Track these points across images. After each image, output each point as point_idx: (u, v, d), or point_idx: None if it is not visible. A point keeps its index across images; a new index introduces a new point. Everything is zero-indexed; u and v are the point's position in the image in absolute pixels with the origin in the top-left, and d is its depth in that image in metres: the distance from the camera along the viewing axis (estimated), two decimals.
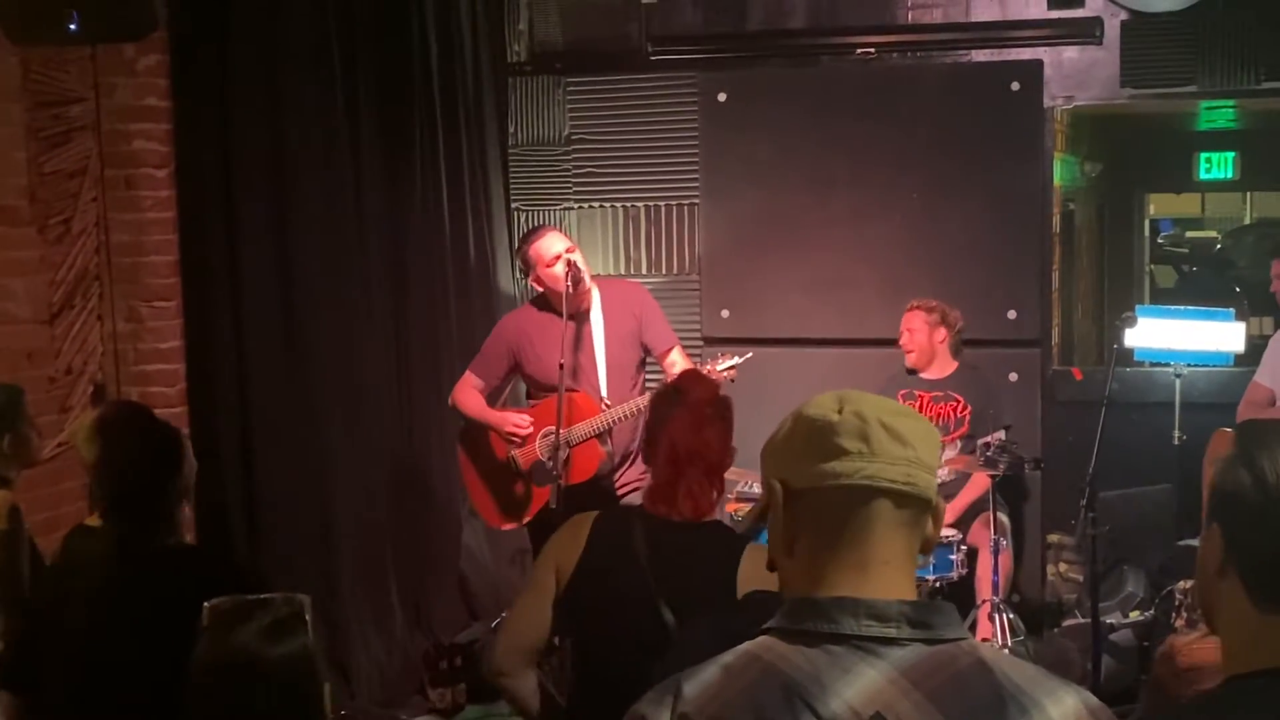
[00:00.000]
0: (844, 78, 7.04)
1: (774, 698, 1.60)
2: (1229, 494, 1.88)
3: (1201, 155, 11.30)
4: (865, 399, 1.72)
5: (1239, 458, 1.87)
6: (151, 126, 5.16)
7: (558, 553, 3.37)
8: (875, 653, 1.62)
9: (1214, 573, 1.91)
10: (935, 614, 1.66)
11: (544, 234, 5.59)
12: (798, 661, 1.63)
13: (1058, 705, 1.63)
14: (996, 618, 5.76)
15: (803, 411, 1.74)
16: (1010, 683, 1.63)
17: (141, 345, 5.17)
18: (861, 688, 1.60)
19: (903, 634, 1.63)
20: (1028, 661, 1.68)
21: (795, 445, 1.73)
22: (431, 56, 6.49)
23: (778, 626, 1.69)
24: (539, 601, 3.35)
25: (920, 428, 1.71)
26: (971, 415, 6.25)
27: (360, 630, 5.79)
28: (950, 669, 1.63)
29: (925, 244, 6.77)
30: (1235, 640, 1.92)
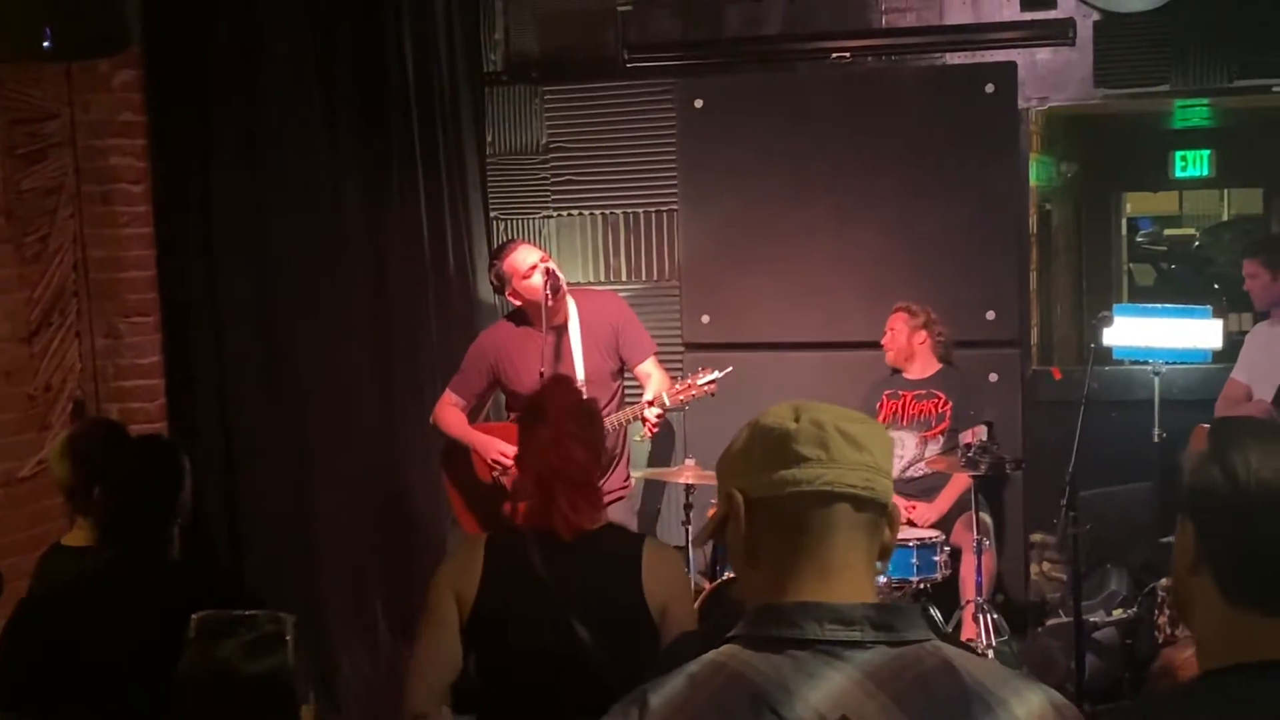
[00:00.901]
0: (820, 82, 7.06)
1: (740, 705, 1.61)
2: (1201, 491, 1.89)
3: (1177, 153, 11.34)
4: (821, 407, 1.73)
5: (1211, 455, 1.88)
6: (127, 142, 5.15)
7: (454, 580, 3.26)
8: (840, 656, 1.63)
9: (1187, 569, 1.92)
10: (898, 616, 1.67)
11: (516, 247, 5.61)
12: (763, 668, 1.63)
13: (1023, 704, 1.63)
14: (981, 618, 5.78)
15: (759, 422, 1.75)
16: (975, 682, 1.63)
17: (120, 361, 5.16)
18: (827, 691, 1.60)
19: (867, 636, 1.64)
20: (997, 661, 1.69)
21: (754, 455, 1.73)
22: (408, 67, 6.48)
23: (742, 634, 1.70)
24: (445, 635, 3.23)
25: (875, 433, 1.73)
26: (953, 410, 6.29)
27: (345, 644, 5.78)
28: (915, 670, 1.63)
29: (904, 246, 6.78)
30: (1209, 636, 1.94)
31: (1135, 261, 15.30)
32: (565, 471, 3.31)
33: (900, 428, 6.39)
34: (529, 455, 3.41)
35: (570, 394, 3.59)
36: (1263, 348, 6.12)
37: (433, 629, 3.27)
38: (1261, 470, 1.83)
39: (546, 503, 3.30)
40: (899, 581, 5.86)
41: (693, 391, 5.49)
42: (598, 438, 3.49)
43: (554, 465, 3.31)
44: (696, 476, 5.95)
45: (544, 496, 3.30)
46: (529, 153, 7.53)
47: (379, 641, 6.04)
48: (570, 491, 3.30)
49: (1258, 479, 1.83)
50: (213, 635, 2.54)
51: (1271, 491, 1.82)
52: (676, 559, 3.58)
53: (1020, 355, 6.84)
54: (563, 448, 3.34)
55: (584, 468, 3.35)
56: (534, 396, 3.67)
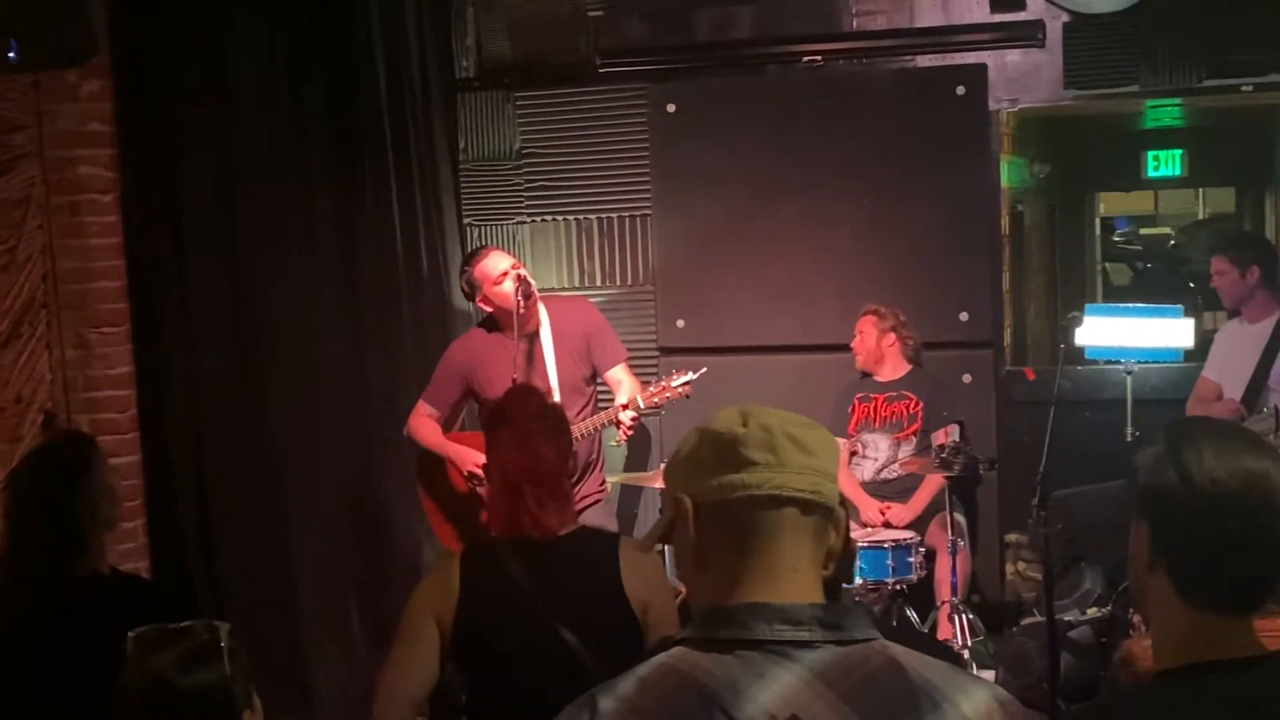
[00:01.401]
0: (792, 86, 7.07)
1: (690, 706, 1.61)
2: (1156, 491, 1.90)
3: (1150, 153, 11.39)
4: (768, 412, 1.74)
5: (1166, 456, 1.90)
6: (95, 152, 5.12)
7: (432, 602, 3.26)
8: (789, 656, 1.64)
9: (1143, 569, 1.94)
10: (846, 615, 1.69)
11: (487, 253, 5.60)
12: (712, 669, 1.64)
13: (969, 700, 1.65)
14: (956, 618, 5.80)
15: (708, 426, 1.75)
16: (922, 679, 1.65)
17: (91, 372, 5.13)
18: (776, 691, 1.61)
19: (815, 636, 1.65)
20: (941, 660, 1.71)
21: (703, 459, 1.73)
22: (380, 74, 6.47)
23: (692, 636, 1.70)
24: (419, 653, 3.23)
25: (821, 438, 1.74)
26: (924, 410, 6.30)
27: (321, 652, 5.77)
28: (863, 669, 1.64)
29: (877, 248, 6.80)
30: (1165, 635, 1.95)
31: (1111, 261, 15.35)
32: (532, 470, 3.32)
33: (873, 430, 6.41)
34: (495, 457, 3.41)
35: (534, 398, 3.60)
36: (1231, 346, 6.14)
37: (406, 646, 3.27)
38: (1215, 470, 1.84)
39: (515, 504, 3.31)
40: (875, 583, 5.88)
41: (667, 394, 5.49)
42: (564, 438, 3.50)
43: (520, 464, 3.32)
44: None
45: (512, 497, 3.31)
46: (502, 159, 7.52)
47: (355, 650, 6.02)
48: (537, 490, 3.31)
49: (1211, 479, 1.84)
50: (149, 650, 2.52)
51: (1225, 491, 1.83)
52: (654, 555, 3.60)
53: (994, 356, 6.86)
54: (528, 446, 3.35)
55: (551, 466, 3.36)
56: (498, 402, 3.66)
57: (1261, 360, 5.86)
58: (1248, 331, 6.02)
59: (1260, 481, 1.83)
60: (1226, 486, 1.83)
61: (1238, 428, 2.03)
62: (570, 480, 3.55)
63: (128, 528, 5.10)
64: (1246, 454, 1.86)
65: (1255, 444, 1.90)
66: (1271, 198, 10.67)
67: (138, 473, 5.22)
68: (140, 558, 5.17)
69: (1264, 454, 1.87)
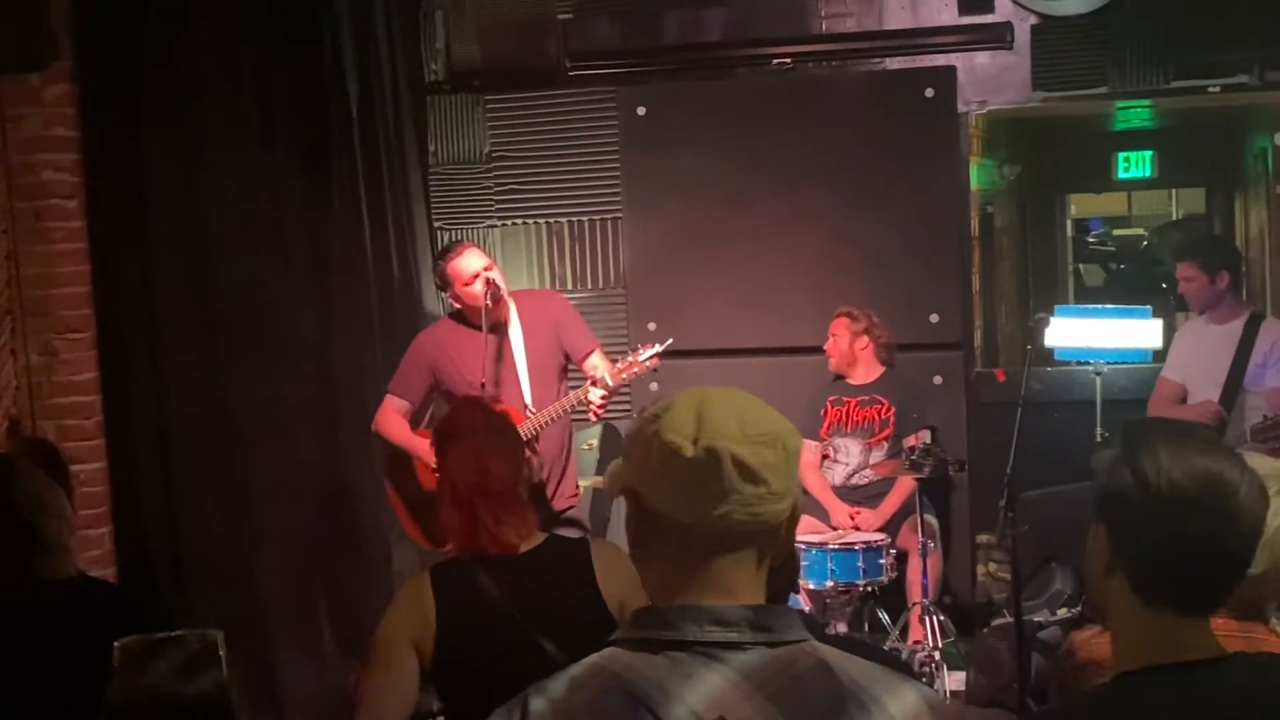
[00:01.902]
0: (761, 88, 7.08)
1: (618, 706, 1.62)
2: (1113, 494, 1.90)
3: (1120, 154, 11.44)
4: (722, 425, 1.67)
5: (1122, 458, 1.90)
6: (60, 157, 5.09)
7: (407, 627, 3.20)
8: (718, 658, 1.64)
9: (1102, 571, 1.94)
10: (777, 617, 1.68)
11: (462, 251, 5.56)
12: (642, 669, 1.64)
13: (898, 701, 1.65)
14: (927, 620, 5.80)
15: (660, 431, 1.70)
16: (851, 681, 1.65)
17: (56, 378, 5.10)
18: (704, 693, 1.61)
19: (744, 638, 1.65)
20: (870, 661, 1.70)
21: (650, 466, 1.71)
22: (348, 77, 6.45)
23: (623, 636, 1.71)
24: (395, 681, 3.16)
25: (773, 459, 1.68)
26: (896, 416, 6.31)
27: (290, 658, 5.74)
28: (791, 671, 1.64)
29: (847, 250, 6.81)
30: (1124, 637, 1.95)
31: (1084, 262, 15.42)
32: (484, 485, 3.28)
33: (845, 435, 6.41)
34: (446, 475, 3.38)
35: (479, 412, 3.56)
36: (1196, 346, 6.11)
37: (381, 675, 3.20)
38: (1172, 471, 1.84)
39: (471, 521, 3.27)
40: (846, 585, 5.88)
41: (635, 369, 5.43)
42: (513, 449, 3.46)
43: (471, 480, 3.29)
44: None
45: (466, 515, 3.28)
46: (472, 162, 7.51)
47: (325, 657, 6.00)
48: (492, 505, 3.27)
49: (1168, 480, 1.84)
50: (140, 661, 2.49)
51: (1182, 492, 1.84)
52: (623, 554, 3.56)
53: (964, 357, 6.87)
54: (478, 462, 3.31)
55: (502, 478, 3.32)
56: (444, 420, 3.60)
57: (1235, 360, 5.86)
58: (1215, 332, 5.99)
59: (1216, 482, 1.84)
60: (1183, 488, 1.83)
61: (1193, 427, 2.03)
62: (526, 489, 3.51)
63: (94, 534, 5.08)
64: (1202, 454, 1.86)
65: (1210, 444, 1.91)
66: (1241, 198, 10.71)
67: (103, 479, 5.19)
68: (107, 564, 5.15)
69: (1219, 454, 1.88)
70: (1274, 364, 5.78)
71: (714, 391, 1.73)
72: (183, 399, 5.38)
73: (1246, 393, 5.83)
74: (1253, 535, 1.87)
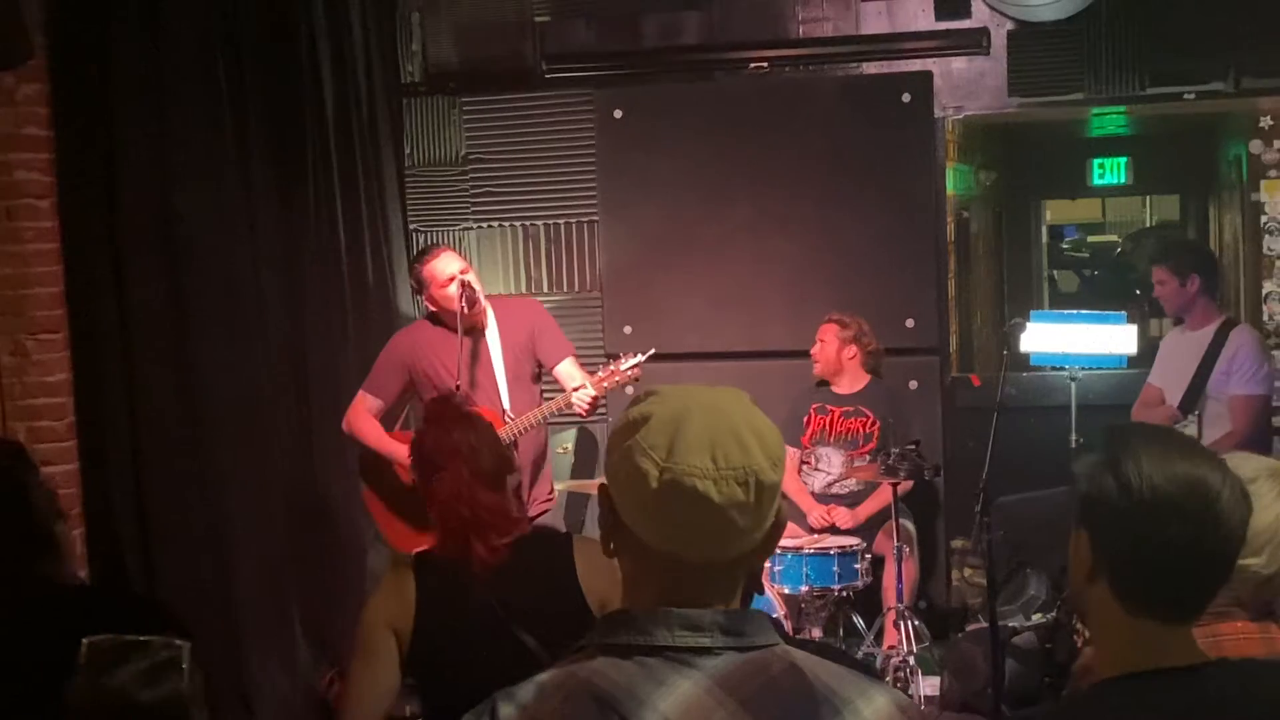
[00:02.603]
0: (738, 92, 7.08)
1: (589, 712, 1.60)
2: (1095, 499, 1.90)
3: (1095, 161, 11.47)
4: (691, 455, 1.62)
5: (1104, 463, 1.89)
6: (32, 156, 5.05)
7: (387, 613, 3.25)
8: (689, 663, 1.62)
9: (1084, 578, 1.93)
10: (748, 622, 1.67)
11: (438, 254, 5.55)
12: (612, 675, 1.62)
13: (869, 704, 1.64)
14: (902, 625, 5.80)
15: (633, 448, 1.65)
16: (822, 685, 1.64)
17: (27, 379, 5.05)
18: (676, 699, 1.60)
19: (716, 643, 1.63)
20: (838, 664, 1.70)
21: (619, 479, 1.68)
22: (324, 78, 6.42)
23: (594, 641, 1.69)
24: (379, 668, 3.22)
25: (743, 496, 1.62)
26: (880, 431, 6.30)
27: (262, 660, 5.71)
28: (763, 675, 1.63)
29: (823, 255, 6.82)
30: (1107, 643, 1.94)
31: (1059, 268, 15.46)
32: (476, 519, 3.29)
33: (827, 444, 6.40)
34: (436, 507, 3.36)
35: (452, 431, 3.46)
36: (1172, 353, 6.19)
37: (365, 663, 3.25)
38: (1154, 476, 1.84)
39: (464, 547, 3.28)
40: (821, 589, 5.88)
41: (616, 378, 5.45)
42: (499, 466, 3.44)
43: (462, 515, 3.29)
44: None
45: (460, 542, 3.29)
46: (448, 164, 7.49)
47: (297, 659, 5.97)
48: (485, 533, 3.28)
49: (1150, 485, 1.83)
50: (105, 662, 2.48)
51: (1164, 497, 1.83)
52: None
53: (940, 362, 6.89)
54: (467, 497, 3.31)
55: (493, 509, 3.33)
56: (418, 444, 3.52)
57: (1200, 366, 5.91)
58: (1188, 339, 6.06)
59: (1198, 487, 1.83)
60: (1165, 493, 1.83)
61: (1174, 433, 2.03)
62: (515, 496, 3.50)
63: None
64: (1183, 459, 1.86)
65: (1191, 449, 1.90)
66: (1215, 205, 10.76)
67: (75, 481, 5.15)
68: (79, 566, 5.10)
69: (1200, 459, 1.88)
70: (1237, 371, 5.84)
71: (699, 405, 1.66)
72: (155, 400, 5.34)
73: (1209, 399, 5.87)
74: (1235, 539, 1.86)
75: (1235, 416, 5.77)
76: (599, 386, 5.40)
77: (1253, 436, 5.76)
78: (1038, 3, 6.63)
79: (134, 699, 2.42)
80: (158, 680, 2.45)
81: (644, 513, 1.64)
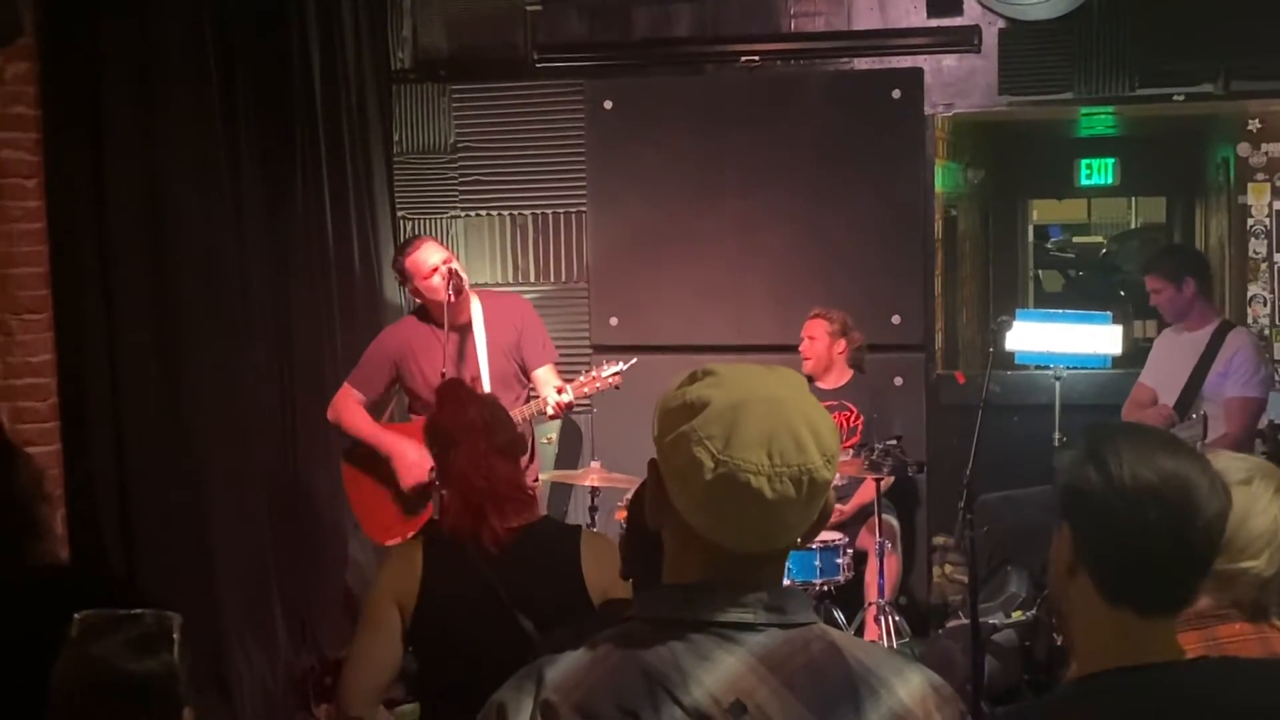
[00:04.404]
0: (729, 86, 7.08)
1: (635, 685, 1.62)
2: (1078, 492, 1.91)
3: (1082, 161, 11.49)
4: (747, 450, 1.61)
5: (1087, 458, 1.90)
6: (19, 135, 5.01)
7: (393, 586, 3.31)
8: (733, 639, 1.64)
9: (1065, 573, 1.94)
10: (789, 599, 1.69)
11: (420, 245, 5.56)
12: (659, 649, 1.64)
13: (905, 684, 1.66)
14: (882, 620, 5.81)
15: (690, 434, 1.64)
16: (860, 665, 1.66)
17: (11, 359, 5.02)
18: (720, 675, 1.62)
19: (759, 619, 1.65)
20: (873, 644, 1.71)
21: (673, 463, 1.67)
22: (313, 63, 6.40)
23: (641, 613, 1.70)
24: (383, 639, 3.28)
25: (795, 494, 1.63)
26: (864, 425, 6.30)
27: (242, 646, 5.69)
28: (805, 655, 1.65)
29: (811, 250, 6.82)
30: (1086, 639, 1.95)
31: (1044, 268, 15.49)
32: (493, 490, 3.34)
33: None
34: (451, 482, 3.40)
35: (473, 409, 3.52)
36: (1165, 353, 6.20)
37: (369, 634, 3.32)
38: (1136, 466, 1.86)
39: (477, 520, 3.33)
40: (802, 583, 5.88)
41: (597, 384, 5.48)
42: (513, 441, 3.51)
43: (480, 487, 3.34)
44: (602, 479, 5.92)
45: (475, 516, 3.33)
46: (437, 152, 7.47)
47: (277, 644, 5.95)
48: (500, 506, 3.34)
49: (1132, 474, 1.85)
50: (94, 634, 2.47)
51: (1146, 490, 1.85)
52: (612, 547, 3.62)
53: (925, 359, 6.90)
54: (484, 468, 3.36)
55: (509, 481, 3.39)
56: (434, 421, 3.58)
57: (1197, 368, 5.92)
58: (1185, 339, 6.06)
59: (1179, 481, 1.85)
60: (1146, 481, 1.85)
61: (1155, 430, 2.05)
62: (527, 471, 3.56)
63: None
64: (1164, 455, 1.88)
65: (1172, 445, 1.92)
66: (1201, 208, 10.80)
67: (58, 462, 5.12)
68: (60, 548, 5.07)
69: (1181, 455, 1.90)
70: (1234, 372, 5.84)
71: (759, 396, 1.65)
72: (139, 383, 5.32)
73: (1205, 400, 5.87)
74: (1214, 531, 1.88)
75: (1231, 419, 5.76)
76: (579, 391, 5.44)
77: (1246, 439, 5.78)
78: (1029, 1, 6.63)
79: (122, 669, 2.40)
80: (148, 651, 2.43)
81: (694, 501, 1.65)
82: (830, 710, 1.62)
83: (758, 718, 1.60)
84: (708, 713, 1.60)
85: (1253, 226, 7.97)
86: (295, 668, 6.01)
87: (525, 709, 1.64)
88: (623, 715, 1.60)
